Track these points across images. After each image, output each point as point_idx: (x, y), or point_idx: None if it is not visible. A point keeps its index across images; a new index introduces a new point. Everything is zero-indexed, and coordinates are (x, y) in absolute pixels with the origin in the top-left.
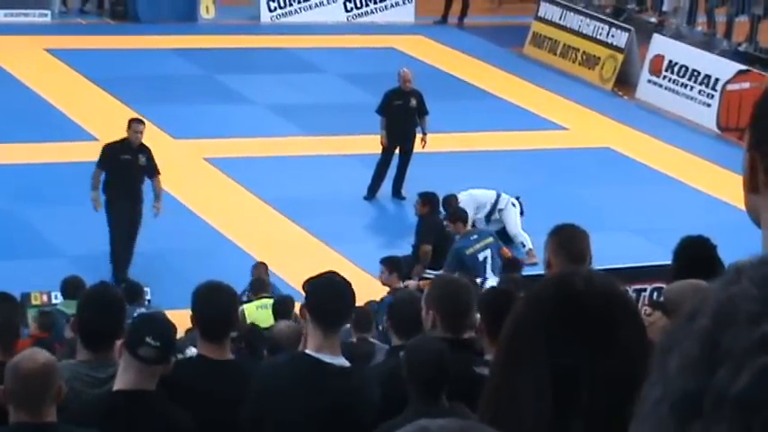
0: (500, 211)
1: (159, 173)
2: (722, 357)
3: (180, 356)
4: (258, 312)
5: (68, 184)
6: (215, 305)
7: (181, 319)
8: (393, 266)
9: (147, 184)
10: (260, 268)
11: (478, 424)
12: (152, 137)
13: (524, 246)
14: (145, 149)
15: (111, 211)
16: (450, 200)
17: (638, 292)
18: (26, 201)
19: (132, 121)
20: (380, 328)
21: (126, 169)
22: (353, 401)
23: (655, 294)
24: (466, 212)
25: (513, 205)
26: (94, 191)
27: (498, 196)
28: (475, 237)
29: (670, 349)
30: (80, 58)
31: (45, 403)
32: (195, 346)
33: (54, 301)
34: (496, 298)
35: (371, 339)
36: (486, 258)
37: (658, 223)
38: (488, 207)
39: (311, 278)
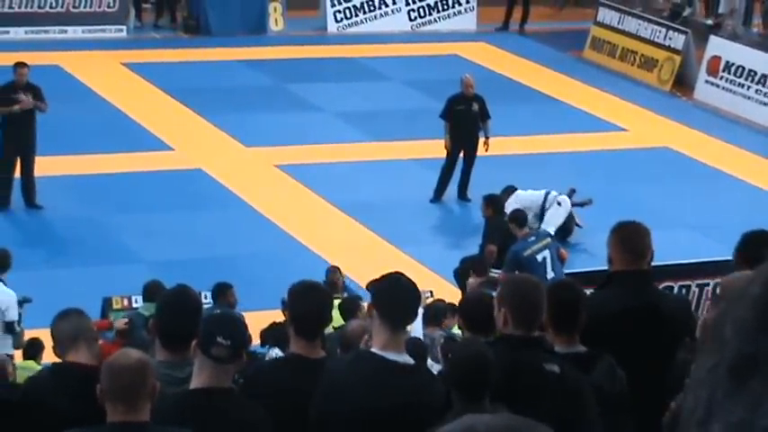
0: (547, 210)
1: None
2: None
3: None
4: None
5: (147, 192)
6: (311, 302)
7: (256, 320)
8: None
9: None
10: (335, 273)
11: (526, 420)
12: (225, 145)
13: None
14: (32, 87)
15: (6, 147)
16: (500, 197)
17: (701, 286)
18: (107, 209)
19: (16, 65)
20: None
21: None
22: (418, 399)
23: (717, 288)
24: (523, 213)
25: (559, 204)
26: None
27: (546, 196)
28: (532, 238)
29: (724, 320)
30: (155, 70)
31: (141, 398)
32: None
33: (134, 305)
34: (562, 292)
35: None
36: (545, 259)
37: (717, 220)
38: (534, 209)
39: (378, 278)
